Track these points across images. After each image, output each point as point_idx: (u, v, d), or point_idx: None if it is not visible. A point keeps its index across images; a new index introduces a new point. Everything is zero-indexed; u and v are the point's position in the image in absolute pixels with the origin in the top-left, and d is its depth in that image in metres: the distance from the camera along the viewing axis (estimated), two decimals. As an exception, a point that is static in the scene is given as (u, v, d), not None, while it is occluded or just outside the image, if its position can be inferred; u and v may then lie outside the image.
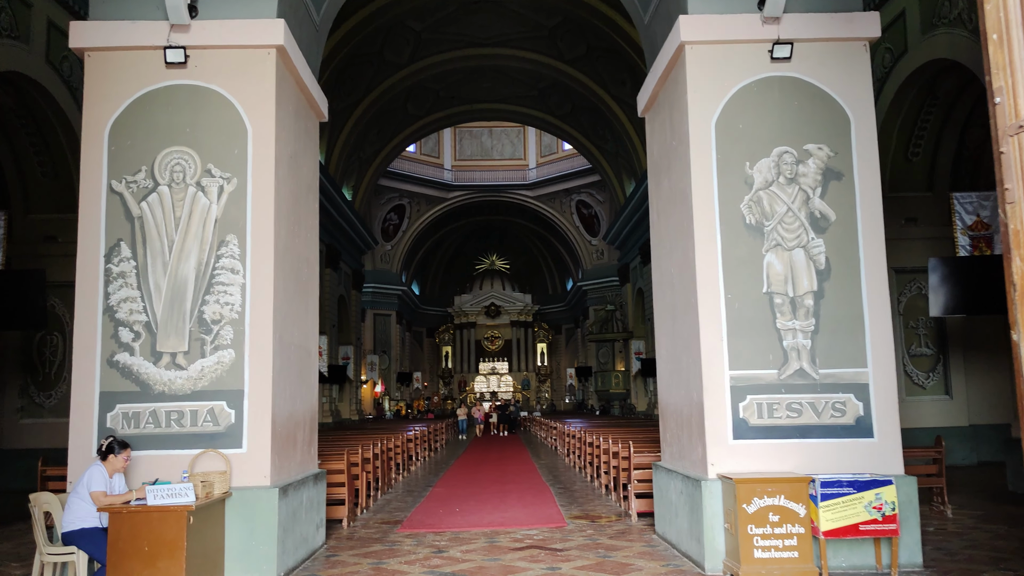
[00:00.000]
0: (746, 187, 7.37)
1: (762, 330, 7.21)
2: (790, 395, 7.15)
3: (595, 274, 48.69)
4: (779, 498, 6.59)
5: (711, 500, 6.97)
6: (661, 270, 8.69)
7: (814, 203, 7.35)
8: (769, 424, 7.12)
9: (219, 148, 7.41)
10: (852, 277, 7.28)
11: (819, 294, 7.25)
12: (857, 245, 7.31)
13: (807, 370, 7.17)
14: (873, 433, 7.13)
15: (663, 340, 8.69)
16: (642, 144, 35.01)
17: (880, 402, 7.15)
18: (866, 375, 7.18)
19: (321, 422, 31.79)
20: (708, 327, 7.20)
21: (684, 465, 7.84)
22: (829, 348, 7.19)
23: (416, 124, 41.46)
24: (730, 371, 7.16)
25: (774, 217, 7.33)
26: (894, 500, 6.62)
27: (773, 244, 7.30)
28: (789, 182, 7.38)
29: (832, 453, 7.09)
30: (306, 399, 8.41)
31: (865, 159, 7.41)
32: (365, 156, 39.75)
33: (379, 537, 9.20)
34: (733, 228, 7.32)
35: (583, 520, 10.11)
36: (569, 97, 38.51)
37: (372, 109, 35.88)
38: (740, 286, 7.25)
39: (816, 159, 7.40)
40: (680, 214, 7.79)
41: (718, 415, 7.12)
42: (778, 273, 7.27)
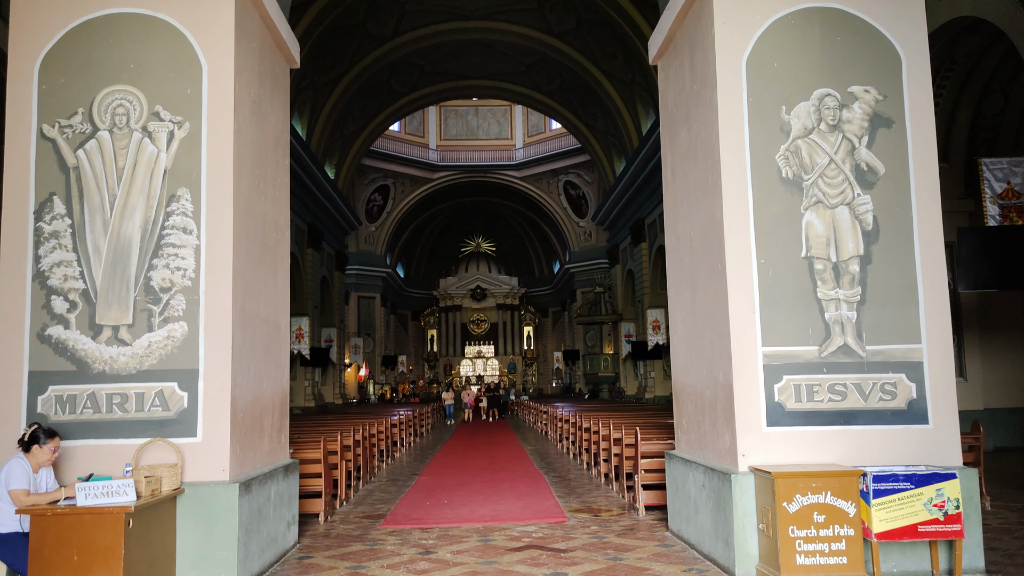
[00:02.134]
0: (782, 135, 6.38)
1: (800, 300, 6.24)
2: (833, 375, 6.20)
3: (583, 256, 47.73)
4: (825, 495, 5.65)
5: (742, 496, 6.02)
6: (677, 235, 7.70)
7: (860, 154, 6.37)
8: (809, 409, 6.17)
9: (169, 88, 6.33)
10: (904, 240, 6.31)
11: (866, 259, 6.29)
12: (910, 203, 6.35)
13: (852, 346, 6.22)
14: (928, 419, 6.19)
15: (679, 314, 7.71)
16: (634, 121, 33.97)
17: (936, 383, 6.21)
18: (920, 352, 6.23)
19: (303, 406, 30.73)
20: (738, 297, 6.23)
21: (706, 455, 6.88)
22: (877, 321, 6.24)
23: (401, 101, 40.20)
24: (763, 348, 6.20)
25: (814, 170, 6.35)
26: (958, 497, 5.69)
27: (813, 201, 6.33)
28: (831, 130, 6.40)
29: (881, 442, 6.15)
30: (274, 380, 7.38)
31: (918, 104, 6.44)
32: (348, 134, 38.50)
33: (359, 535, 8.21)
34: (767, 183, 6.33)
35: (585, 514, 9.17)
36: (558, 73, 37.36)
37: (355, 84, 34.60)
38: (775, 250, 6.27)
39: (862, 103, 6.42)
40: (703, 169, 6.80)
41: (749, 399, 6.16)
42: (819, 235, 6.30)
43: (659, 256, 31.44)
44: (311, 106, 32.01)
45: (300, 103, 30.57)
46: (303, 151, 29.04)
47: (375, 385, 48.45)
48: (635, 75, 31.64)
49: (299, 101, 30.36)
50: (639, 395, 33.99)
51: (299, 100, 30.32)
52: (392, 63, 35.51)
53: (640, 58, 29.86)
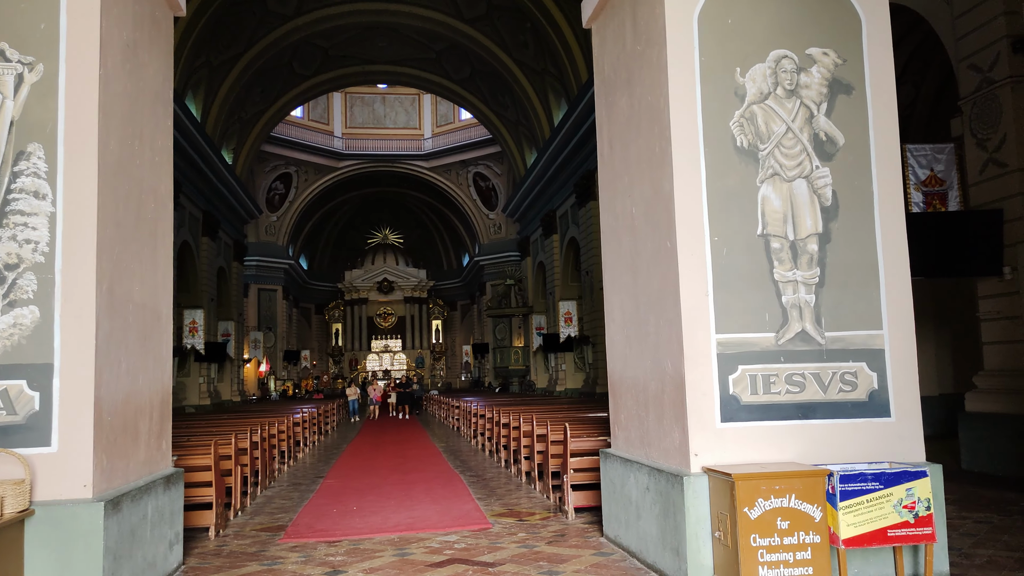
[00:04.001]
0: (736, 100, 5.76)
1: (756, 282, 5.63)
2: (791, 364, 5.61)
3: (493, 249, 47.08)
4: (790, 498, 5.05)
5: (695, 501, 5.37)
6: (616, 213, 7.01)
7: (819, 122, 5.81)
8: (765, 402, 5.57)
9: (17, 21, 5.21)
10: (864, 216, 5.79)
11: (825, 237, 5.73)
12: (870, 176, 5.82)
13: (811, 333, 5.65)
14: (890, 411, 5.69)
15: (617, 299, 7.03)
16: (545, 112, 33.44)
17: (898, 373, 5.71)
18: (881, 339, 5.72)
19: (198, 405, 28.94)
20: (690, 279, 5.57)
21: (651, 454, 6.22)
22: (837, 305, 5.69)
23: (303, 85, 38.53)
24: (717, 335, 5.56)
25: (771, 139, 5.75)
26: (929, 497, 5.18)
27: (770, 173, 5.73)
28: (789, 95, 5.81)
29: (841, 437, 5.61)
30: (153, 376, 6.32)
31: (879, 69, 5.92)
32: (247, 117, 36.60)
33: (255, 551, 7.22)
34: (720, 152, 5.69)
35: (509, 519, 8.41)
36: (468, 61, 36.50)
37: (254, 65, 32.84)
38: (729, 226, 5.64)
39: (821, 67, 5.86)
40: (648, 137, 6.11)
41: (702, 391, 5.51)
42: (775, 210, 5.70)
43: (571, 248, 31.03)
44: (206, 86, 30.14)
45: (194, 82, 28.71)
46: (198, 133, 27.26)
47: (277, 381, 46.54)
48: (547, 64, 31.08)
49: (193, 80, 28.51)
50: (550, 388, 33.56)
51: (193, 79, 28.47)
52: (294, 44, 33.89)
53: (552, 47, 29.30)
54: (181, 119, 25.17)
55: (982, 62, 11.01)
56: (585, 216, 27.58)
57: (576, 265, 30.77)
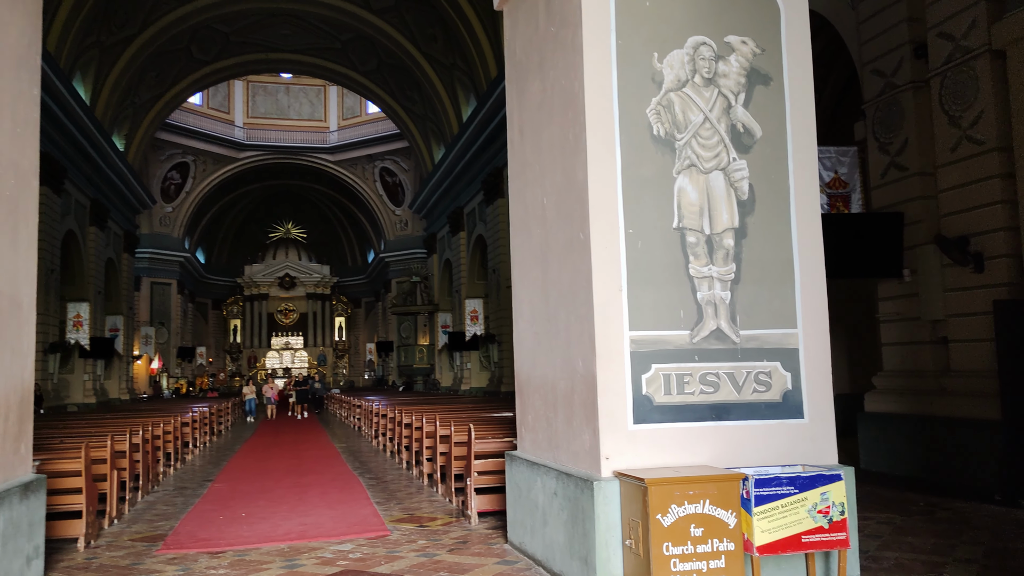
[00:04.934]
0: (654, 86, 5.50)
1: (671, 278, 5.39)
2: (705, 363, 5.40)
3: (399, 245, 46.32)
4: (704, 504, 4.81)
5: (606, 507, 5.08)
6: (526, 203, 6.68)
7: (736, 113, 5.62)
8: (679, 402, 5.33)
9: None
10: (781, 211, 5.63)
11: (741, 232, 5.54)
12: (787, 170, 5.67)
13: (726, 331, 5.45)
14: (803, 412, 5.54)
15: (526, 294, 6.70)
16: (454, 107, 33.00)
17: (812, 373, 5.57)
18: (795, 338, 5.56)
19: (82, 403, 27.27)
20: (603, 272, 5.28)
21: (559, 457, 5.91)
22: (752, 302, 5.51)
23: (202, 71, 36.89)
24: (630, 332, 5.29)
25: (688, 128, 5.52)
26: (843, 501, 5.04)
27: (687, 164, 5.50)
28: (707, 83, 5.59)
29: (755, 439, 5.43)
30: (10, 372, 5.62)
31: (797, 61, 5.78)
32: (141, 102, 34.76)
33: (128, 564, 6.58)
34: (637, 140, 5.43)
35: (409, 524, 7.98)
36: (375, 52, 35.68)
37: (149, 48, 31.18)
38: (644, 218, 5.38)
39: (740, 56, 5.67)
40: (562, 123, 5.80)
41: (615, 391, 5.23)
42: (692, 203, 5.48)
43: (479, 245, 30.70)
44: (96, 68, 28.43)
45: (84, 63, 27.00)
46: (86, 116, 25.64)
47: (170, 379, 44.51)
48: (455, 59, 30.66)
49: (82, 61, 26.81)
50: (455, 387, 33.15)
51: (82, 60, 26.77)
52: (193, 28, 32.39)
53: (461, 41, 28.88)
54: (67, 100, 23.61)
55: (885, 67, 11.21)
56: (493, 213, 27.30)
57: (483, 263, 30.47)
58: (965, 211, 9.90)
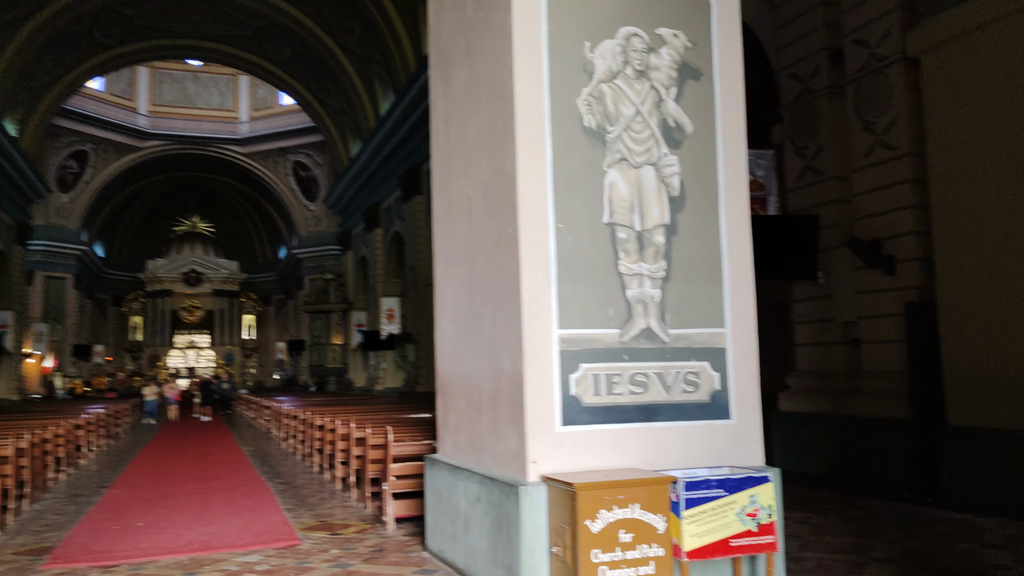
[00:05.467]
0: (585, 76, 5.32)
1: (601, 274, 5.22)
2: (634, 363, 5.24)
3: (312, 241, 45.20)
4: (633, 508, 4.65)
5: (532, 513, 4.86)
6: (450, 196, 6.41)
7: (668, 107, 5.48)
8: (608, 403, 5.16)
9: None
10: (710, 208, 5.53)
11: (671, 229, 5.41)
12: (716, 167, 5.57)
13: (655, 330, 5.31)
14: (731, 413, 5.45)
15: (450, 291, 6.43)
16: (371, 101, 32.37)
17: (739, 373, 5.49)
18: (724, 337, 5.48)
19: (-36, 404, 25.55)
20: (532, 268, 5.07)
21: (483, 461, 5.66)
22: (682, 301, 5.39)
23: (104, 55, 35.13)
24: (559, 330, 5.09)
25: (619, 121, 5.36)
26: (771, 503, 4.97)
27: (618, 158, 5.33)
28: (638, 76, 5.44)
29: (683, 440, 5.31)
30: None
31: (728, 56, 5.69)
32: (37, 86, 32.86)
33: (9, 583, 6.02)
34: (567, 131, 5.23)
35: (322, 532, 7.60)
36: (289, 42, 34.68)
37: (47, 28, 29.49)
38: (575, 212, 5.19)
39: (671, 49, 5.54)
40: (490, 112, 5.56)
41: (542, 392, 5.02)
42: (623, 198, 5.32)
43: (395, 242, 30.19)
44: (-14, 45, 26.68)
45: (-30, 41, 25.32)
46: (-28, 96, 24.01)
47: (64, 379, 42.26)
48: (373, 51, 30.05)
49: (-30, 38, 25.14)
50: (369, 387, 32.53)
51: (-31, 37, 25.10)
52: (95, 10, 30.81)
53: (379, 34, 28.31)
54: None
55: (802, 72, 11.38)
56: (411, 210, 26.85)
57: (400, 261, 29.97)
58: (878, 215, 10.12)
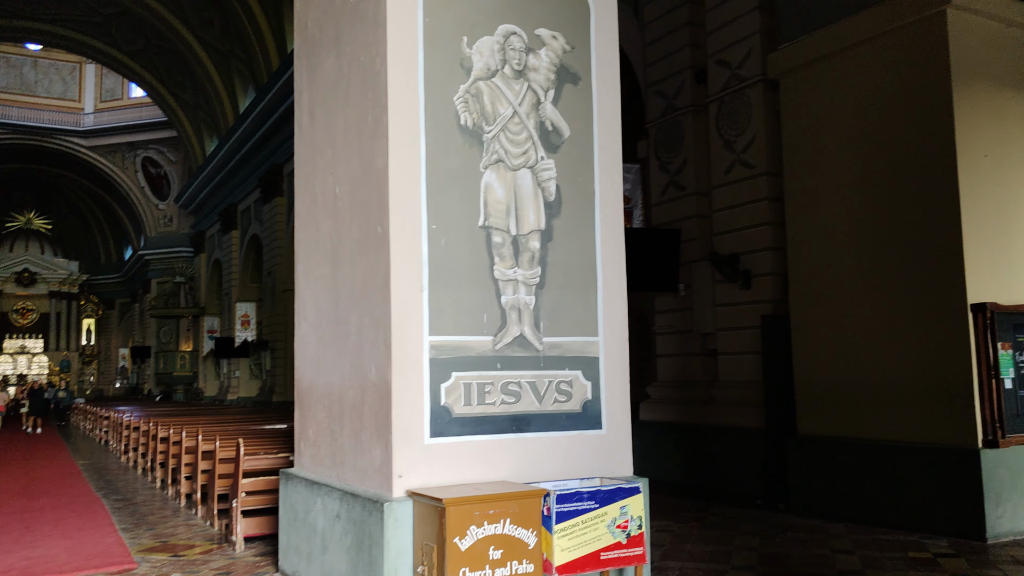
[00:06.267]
0: (463, 72, 5.11)
1: (476, 279, 5.01)
2: (507, 372, 5.06)
3: (162, 242, 42.78)
4: (504, 523, 4.45)
5: (397, 531, 4.57)
6: (315, 193, 6.03)
7: (546, 110, 5.36)
8: (479, 414, 4.95)
9: None
10: (586, 215, 5.44)
11: (547, 234, 5.28)
12: (592, 173, 5.50)
13: (529, 338, 5.15)
14: (602, 423, 5.37)
15: (312, 294, 6.04)
16: (230, 98, 31.03)
17: (611, 382, 5.42)
18: (596, 346, 5.39)
19: None
20: (403, 271, 4.79)
21: (344, 475, 5.32)
22: (556, 308, 5.26)
23: (-72, 31, 32.05)
24: (431, 337, 4.84)
25: (497, 121, 5.18)
26: (641, 514, 4.91)
27: (494, 159, 5.15)
28: (517, 76, 5.29)
29: (555, 452, 5.17)
30: None
31: (605, 62, 5.64)
32: None
33: None
34: (443, 128, 5.00)
35: (162, 554, 6.99)
36: (143, 32, 32.79)
37: None
38: (449, 213, 4.96)
39: (550, 51, 5.43)
40: (360, 103, 5.25)
41: (411, 401, 4.75)
42: (499, 200, 5.14)
43: (253, 245, 28.95)
44: None
45: None
46: None
47: None
48: (234, 46, 28.80)
49: None
50: (221, 396, 30.97)
51: None
52: (-83, -22, 28.04)
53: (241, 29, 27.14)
54: None
55: (668, 89, 11.65)
56: (270, 212, 25.82)
57: (258, 265, 28.76)
58: (736, 231, 10.45)
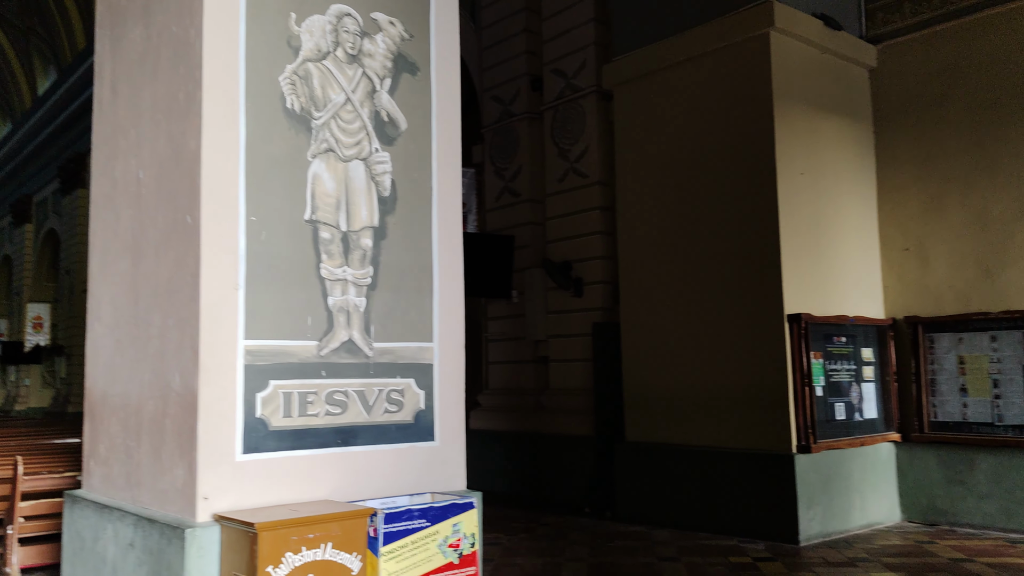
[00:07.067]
0: (290, 52, 4.66)
1: (300, 278, 4.56)
2: (333, 380, 4.64)
3: (-60, 234, 38.16)
4: (325, 548, 4.03)
5: (200, 560, 4.04)
6: (114, 177, 5.33)
7: (381, 99, 5.00)
8: (301, 426, 4.49)
9: None
10: (422, 213, 5.13)
11: (380, 232, 4.92)
12: (430, 169, 5.20)
13: (358, 343, 4.75)
14: (435, 434, 5.05)
15: (108, 292, 5.33)
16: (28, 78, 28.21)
17: (446, 390, 5.12)
18: (432, 352, 5.08)
19: None
20: (215, 266, 4.27)
21: (140, 498, 4.68)
22: (389, 312, 4.90)
23: None
24: (246, 341, 4.34)
25: (328, 107, 4.76)
26: (474, 531, 4.63)
27: (324, 148, 4.72)
28: (351, 60, 4.90)
29: (384, 466, 4.80)
30: None
31: (446, 53, 5.36)
32: None
33: None
34: (266, 111, 4.53)
35: (-85, 594, 5.96)
36: (-76, -4, 29.13)
37: None
38: (271, 205, 4.49)
39: (387, 37, 5.08)
40: (170, 79, 4.66)
41: (221, 413, 4.22)
42: (328, 193, 4.72)
43: (49, 241, 26.37)
44: None
45: None
46: None
47: None
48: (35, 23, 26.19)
49: None
50: (7, 407, 27.94)
51: None
52: None
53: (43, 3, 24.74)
54: None
55: (504, 95, 11.57)
56: (71, 205, 23.60)
57: (54, 262, 26.21)
58: (569, 238, 10.49)
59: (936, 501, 8.46)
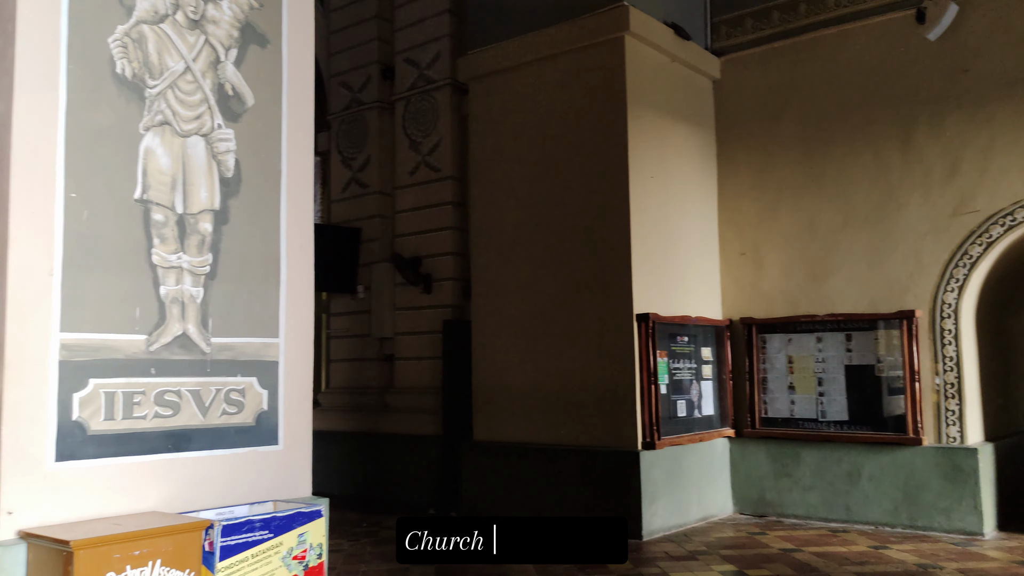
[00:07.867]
0: (122, 11, 4.15)
1: (128, 264, 4.07)
2: (164, 378, 4.18)
3: None
4: (153, 566, 3.62)
5: (2, 585, 3.51)
6: (-99, 142, 4.59)
7: (226, 71, 4.57)
8: (125, 430, 4.01)
9: None
10: (270, 197, 4.74)
11: (222, 216, 4.49)
12: (280, 150, 4.82)
13: (194, 337, 4.32)
14: (278, 438, 4.68)
15: None
16: None
17: (292, 390, 4.75)
18: (277, 348, 4.70)
19: None
20: (26, 249, 3.72)
21: (-74, 515, 4.03)
22: (230, 304, 4.49)
23: None
24: (63, 334, 3.82)
25: (164, 76, 4.29)
26: (321, 542, 4.33)
27: (159, 120, 4.25)
28: (192, 26, 4.44)
29: (221, 473, 4.38)
30: None
31: (299, 28, 4.98)
32: None
33: None
34: (93, 75, 4.01)
35: None
36: None
37: None
38: (96, 181, 3.98)
39: (234, 4, 4.65)
40: (-27, 31, 4.05)
41: (30, 417, 3.69)
42: (162, 171, 4.25)
43: None
44: None
45: None
46: None
47: None
48: None
49: None
50: None
51: None
52: None
53: None
54: None
55: (353, 82, 11.15)
56: None
57: None
58: (419, 233, 10.24)
59: (765, 494, 8.89)
